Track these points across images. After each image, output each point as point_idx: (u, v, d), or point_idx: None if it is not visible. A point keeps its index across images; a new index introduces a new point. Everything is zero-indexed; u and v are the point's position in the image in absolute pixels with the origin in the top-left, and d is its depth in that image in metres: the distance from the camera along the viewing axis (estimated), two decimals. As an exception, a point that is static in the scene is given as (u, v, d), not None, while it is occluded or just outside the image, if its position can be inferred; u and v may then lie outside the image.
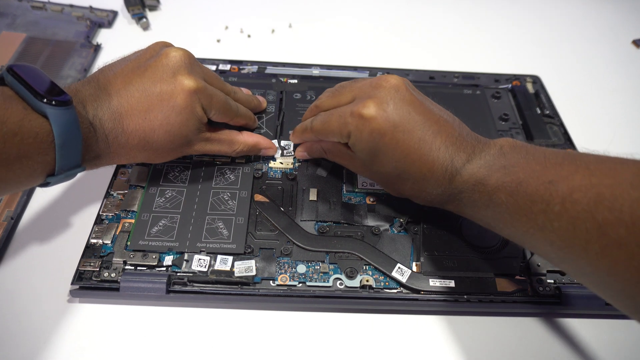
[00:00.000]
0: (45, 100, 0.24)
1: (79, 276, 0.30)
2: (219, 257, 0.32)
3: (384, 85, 0.29)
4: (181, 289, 0.30)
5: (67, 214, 0.35)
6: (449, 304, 0.31)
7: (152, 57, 0.31)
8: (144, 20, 0.52)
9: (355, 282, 0.31)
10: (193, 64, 0.31)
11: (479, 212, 0.28)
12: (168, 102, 0.29)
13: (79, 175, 0.37)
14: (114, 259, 0.31)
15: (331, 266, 0.32)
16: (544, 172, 0.24)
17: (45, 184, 0.27)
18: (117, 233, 0.32)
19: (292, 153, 0.38)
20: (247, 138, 0.36)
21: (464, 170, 0.28)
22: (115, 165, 0.36)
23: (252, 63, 0.46)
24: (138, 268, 0.31)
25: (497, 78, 0.48)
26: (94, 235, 0.32)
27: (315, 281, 0.31)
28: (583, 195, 0.22)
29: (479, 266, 0.32)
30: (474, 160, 0.28)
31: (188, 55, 0.31)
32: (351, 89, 0.31)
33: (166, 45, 0.32)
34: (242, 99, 0.37)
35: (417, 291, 0.31)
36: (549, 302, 0.31)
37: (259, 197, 0.35)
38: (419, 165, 0.28)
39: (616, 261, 0.20)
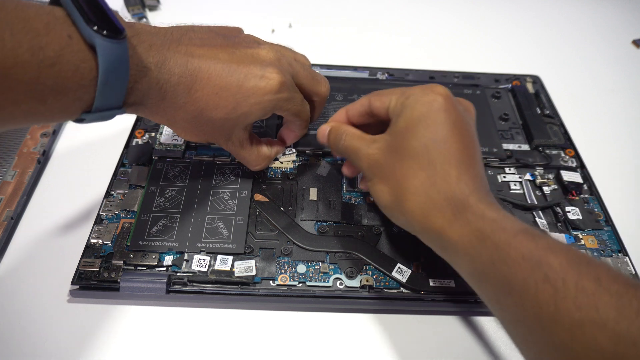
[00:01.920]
0: (96, 27, 0.21)
1: (79, 276, 0.30)
2: (219, 257, 0.32)
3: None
4: (181, 289, 0.30)
5: (67, 214, 0.35)
6: (449, 304, 0.31)
7: (243, 42, 0.30)
8: (144, 20, 0.52)
9: (355, 282, 0.31)
10: (283, 63, 0.30)
11: (471, 266, 0.25)
12: (246, 91, 0.28)
13: (79, 175, 0.38)
14: (113, 259, 0.31)
15: (331, 266, 0.32)
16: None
17: (79, 120, 0.24)
18: (117, 233, 0.32)
19: (292, 152, 0.38)
20: (272, 151, 0.35)
21: (484, 210, 0.25)
22: (115, 165, 0.37)
23: (252, 63, 0.46)
24: (138, 268, 0.31)
25: (497, 78, 0.48)
26: (94, 235, 0.32)
27: (315, 281, 0.31)
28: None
29: (479, 266, 0.32)
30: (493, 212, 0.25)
31: (281, 54, 0.31)
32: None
33: (256, 40, 0.31)
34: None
35: (417, 291, 0.31)
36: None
37: (259, 197, 0.35)
38: (447, 158, 0.26)
39: None
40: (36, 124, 0.24)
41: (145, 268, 0.31)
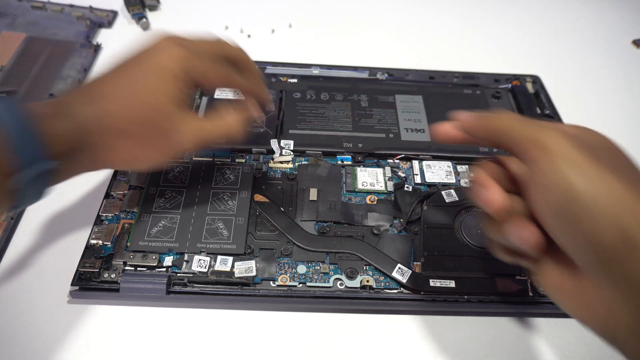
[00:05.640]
0: None
1: (79, 277, 0.30)
2: (219, 257, 0.32)
3: None
4: (181, 289, 0.30)
5: (67, 214, 0.35)
6: (449, 305, 0.31)
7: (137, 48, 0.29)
8: (144, 20, 0.52)
9: (356, 283, 0.31)
10: (171, 36, 0.29)
11: None
12: (147, 66, 0.27)
13: (79, 175, 0.38)
14: (113, 259, 0.31)
15: (331, 266, 0.32)
16: None
17: (13, 193, 0.24)
18: (117, 234, 0.32)
19: (289, 154, 0.38)
20: (238, 112, 0.31)
21: None
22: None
23: (252, 63, 0.46)
24: (138, 269, 0.31)
25: (497, 78, 0.48)
26: (93, 236, 0.32)
27: (316, 281, 0.31)
28: None
29: (479, 266, 0.32)
30: None
31: (174, 35, 0.29)
32: None
33: None
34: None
35: (418, 291, 0.31)
36: (550, 303, 0.31)
37: (259, 197, 0.35)
38: None
39: None
40: None
41: (145, 269, 0.31)
